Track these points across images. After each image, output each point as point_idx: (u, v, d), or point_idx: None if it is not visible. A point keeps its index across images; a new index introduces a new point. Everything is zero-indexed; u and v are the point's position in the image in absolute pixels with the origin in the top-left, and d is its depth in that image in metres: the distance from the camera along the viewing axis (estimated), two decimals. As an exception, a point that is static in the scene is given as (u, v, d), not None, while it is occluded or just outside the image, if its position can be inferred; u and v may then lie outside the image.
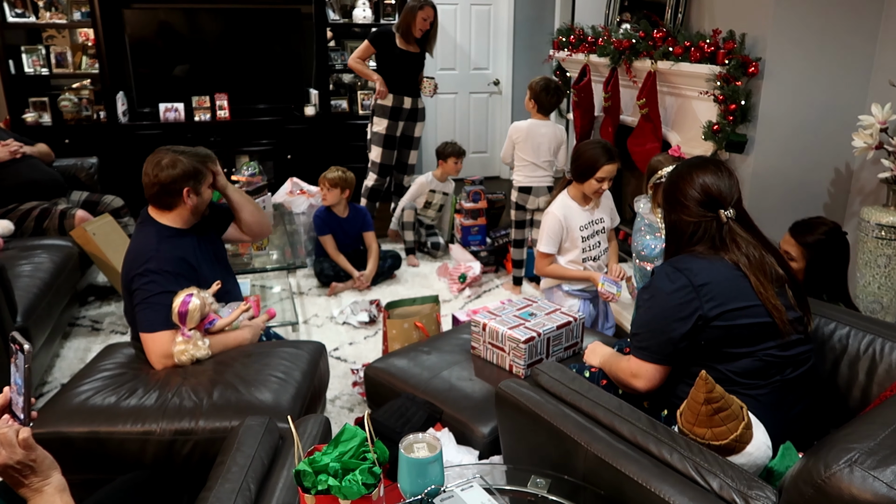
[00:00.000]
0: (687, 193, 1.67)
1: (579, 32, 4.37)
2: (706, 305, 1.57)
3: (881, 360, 1.72)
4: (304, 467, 1.12)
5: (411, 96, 4.51)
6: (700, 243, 1.66)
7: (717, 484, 1.22)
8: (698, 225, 1.66)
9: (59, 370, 3.01)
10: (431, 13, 4.34)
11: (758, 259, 1.63)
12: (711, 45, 3.11)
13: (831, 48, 3.02)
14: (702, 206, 1.66)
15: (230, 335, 2.28)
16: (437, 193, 4.48)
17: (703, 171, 1.68)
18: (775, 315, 1.58)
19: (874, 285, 2.79)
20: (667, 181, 1.77)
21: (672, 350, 1.62)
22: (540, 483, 1.41)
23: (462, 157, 4.49)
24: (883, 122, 2.75)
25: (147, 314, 2.12)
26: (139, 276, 2.13)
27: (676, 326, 1.59)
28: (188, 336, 2.13)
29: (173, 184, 2.21)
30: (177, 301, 2.11)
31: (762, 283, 1.60)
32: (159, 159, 2.23)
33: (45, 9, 4.86)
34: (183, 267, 2.21)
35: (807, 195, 3.19)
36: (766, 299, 1.58)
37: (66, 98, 5.00)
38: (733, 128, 3.06)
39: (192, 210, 2.29)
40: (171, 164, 2.22)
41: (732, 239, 1.64)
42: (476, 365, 2.25)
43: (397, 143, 4.61)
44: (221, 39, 5.34)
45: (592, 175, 2.69)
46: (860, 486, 1.01)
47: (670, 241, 1.75)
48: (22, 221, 3.53)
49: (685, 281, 1.59)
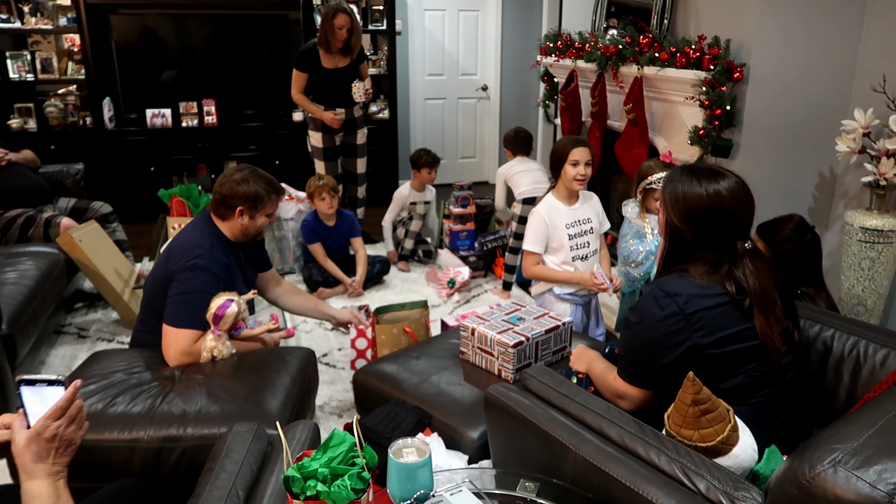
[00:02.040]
0: (706, 218, 1.55)
1: (566, 38, 4.40)
2: (696, 335, 1.51)
3: (865, 361, 1.74)
4: (293, 473, 1.12)
5: (345, 107, 4.38)
6: (699, 264, 1.57)
7: (704, 486, 1.23)
8: (708, 253, 1.56)
9: (45, 378, 2.98)
10: (346, 20, 4.11)
11: (767, 294, 1.54)
12: (697, 51, 3.14)
13: (815, 53, 3.06)
14: (720, 234, 1.56)
15: (248, 344, 2.35)
16: (419, 204, 4.47)
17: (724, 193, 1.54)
18: (774, 355, 1.53)
19: (858, 288, 2.82)
20: (677, 189, 1.60)
21: (659, 377, 1.58)
22: (529, 487, 1.42)
23: (436, 165, 4.40)
24: (866, 127, 2.78)
25: (179, 308, 2.18)
26: (184, 270, 2.21)
27: (665, 355, 1.54)
28: (219, 335, 2.20)
29: (232, 198, 2.34)
30: (217, 303, 2.17)
31: (769, 323, 1.52)
32: (234, 172, 2.39)
33: (30, 14, 4.83)
34: (225, 273, 2.30)
35: (791, 199, 3.22)
36: (770, 340, 1.52)
37: (51, 104, 4.97)
38: (719, 132, 3.09)
39: (242, 230, 2.40)
40: (240, 181, 2.35)
41: (742, 270, 1.54)
42: (465, 369, 2.25)
43: (339, 153, 4.53)
44: (209, 45, 5.33)
45: (565, 161, 2.71)
46: (844, 486, 1.02)
47: (670, 254, 1.65)
48: (7, 229, 3.50)
49: (675, 308, 1.52)
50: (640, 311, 1.59)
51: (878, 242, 2.74)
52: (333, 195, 3.92)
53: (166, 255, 2.31)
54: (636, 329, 1.60)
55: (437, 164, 4.44)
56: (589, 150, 2.73)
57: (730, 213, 1.55)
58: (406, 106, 6.15)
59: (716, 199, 1.54)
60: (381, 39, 5.79)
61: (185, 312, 2.18)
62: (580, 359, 1.95)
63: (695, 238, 1.57)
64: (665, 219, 1.63)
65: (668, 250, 1.64)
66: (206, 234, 2.33)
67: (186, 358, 2.18)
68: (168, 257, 2.29)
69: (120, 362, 2.18)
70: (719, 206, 1.54)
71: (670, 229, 1.62)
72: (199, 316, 2.18)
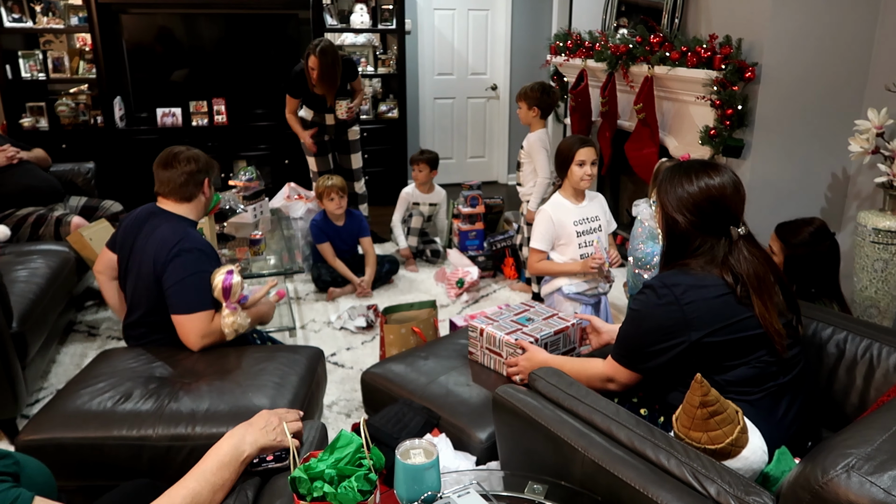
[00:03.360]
0: (697, 205, 1.61)
1: (576, 37, 4.39)
2: (693, 324, 1.54)
3: (878, 364, 1.72)
4: (300, 474, 1.12)
5: (333, 112, 4.34)
6: (699, 256, 1.61)
7: (715, 490, 1.22)
8: (705, 240, 1.61)
9: (56, 375, 3.00)
10: (314, 62, 4.01)
11: (762, 279, 1.58)
12: (708, 50, 3.12)
13: (827, 53, 3.03)
14: (713, 220, 1.61)
15: (258, 309, 2.36)
16: (423, 205, 4.46)
17: (714, 181, 1.61)
18: (776, 339, 1.55)
19: (871, 289, 2.79)
20: (671, 185, 1.66)
21: (651, 364, 1.64)
22: (537, 489, 1.41)
23: (428, 163, 4.32)
24: (879, 127, 2.76)
25: (183, 295, 2.16)
26: (172, 259, 2.15)
27: (660, 342, 1.59)
28: (234, 308, 2.19)
29: (199, 174, 2.32)
30: (218, 277, 2.16)
31: (766, 307, 1.55)
32: (177, 153, 2.33)
33: (42, 14, 4.86)
34: (210, 249, 2.29)
35: (804, 200, 3.20)
36: (769, 323, 1.54)
37: (63, 103, 4.99)
38: (730, 132, 3.07)
39: (205, 203, 2.40)
40: (194, 157, 2.32)
41: (737, 257, 1.59)
42: (473, 370, 2.24)
43: (330, 148, 4.50)
44: (219, 44, 5.35)
45: (572, 161, 2.71)
46: (858, 492, 1.01)
47: (670, 250, 1.70)
48: (18, 227, 3.52)
49: (672, 298, 1.57)
50: (639, 301, 1.66)
51: (892, 244, 2.71)
52: (342, 196, 3.92)
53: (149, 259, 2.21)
54: (634, 316, 1.68)
55: (429, 161, 4.36)
56: (595, 150, 2.73)
57: (718, 197, 1.60)
58: (415, 105, 6.15)
59: (704, 188, 1.62)
60: (390, 38, 5.78)
61: (191, 296, 2.16)
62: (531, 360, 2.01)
63: (690, 227, 1.62)
64: (661, 214, 1.70)
65: (668, 246, 1.70)
66: (174, 222, 2.27)
67: (208, 339, 2.19)
68: (153, 258, 2.20)
69: (129, 360, 2.19)
70: (707, 192, 1.61)
71: (666, 223, 1.68)
72: (205, 296, 2.16)
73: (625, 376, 1.72)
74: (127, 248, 2.31)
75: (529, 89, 3.58)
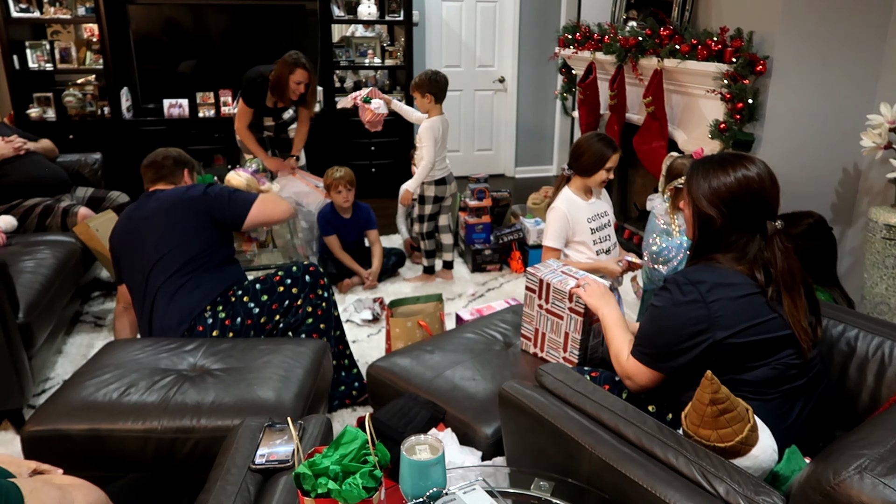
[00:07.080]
0: (735, 198, 1.54)
1: (585, 30, 4.35)
2: (718, 323, 1.50)
3: (890, 362, 1.70)
4: (304, 470, 1.11)
5: (277, 148, 4.26)
6: (729, 252, 1.56)
7: (724, 489, 1.20)
8: (740, 236, 1.56)
9: (62, 366, 3.01)
10: (304, 76, 3.90)
11: (794, 276, 1.53)
12: (719, 43, 3.08)
13: (840, 46, 3.00)
14: (749, 214, 1.55)
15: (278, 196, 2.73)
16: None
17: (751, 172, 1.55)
18: (802, 338, 1.51)
19: (881, 286, 2.77)
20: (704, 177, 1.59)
21: (674, 363, 1.58)
22: (543, 486, 1.40)
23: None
24: (892, 122, 2.72)
25: (238, 198, 2.49)
26: (205, 192, 2.46)
27: (683, 340, 1.54)
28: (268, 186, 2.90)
29: (181, 163, 2.66)
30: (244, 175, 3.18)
31: (796, 305, 1.51)
32: (158, 151, 2.67)
33: (49, 4, 4.85)
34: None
35: (814, 195, 3.16)
36: (797, 321, 1.51)
37: (70, 93, 4.99)
38: (740, 126, 3.04)
39: None
40: (174, 152, 2.68)
41: (773, 251, 1.54)
42: (481, 364, 2.23)
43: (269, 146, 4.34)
44: (226, 35, 5.33)
45: (601, 167, 2.68)
46: (870, 494, 0.99)
47: (700, 245, 1.63)
48: (25, 218, 3.53)
49: (697, 295, 1.52)
50: (663, 297, 1.60)
51: (904, 240, 2.68)
52: (350, 188, 3.91)
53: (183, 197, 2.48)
54: (656, 313, 1.62)
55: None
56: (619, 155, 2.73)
57: (757, 190, 1.55)
58: (422, 98, 6.12)
59: (742, 179, 1.55)
60: (398, 30, 5.75)
61: (243, 195, 2.50)
62: (601, 297, 1.96)
63: (726, 222, 1.56)
64: (692, 211, 1.62)
65: (699, 241, 1.64)
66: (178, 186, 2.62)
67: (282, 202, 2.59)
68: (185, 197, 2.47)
69: (136, 352, 2.19)
70: (746, 185, 1.55)
71: (699, 219, 1.61)
72: (248, 193, 2.54)
73: (644, 377, 1.65)
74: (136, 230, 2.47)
75: (418, 78, 3.70)
